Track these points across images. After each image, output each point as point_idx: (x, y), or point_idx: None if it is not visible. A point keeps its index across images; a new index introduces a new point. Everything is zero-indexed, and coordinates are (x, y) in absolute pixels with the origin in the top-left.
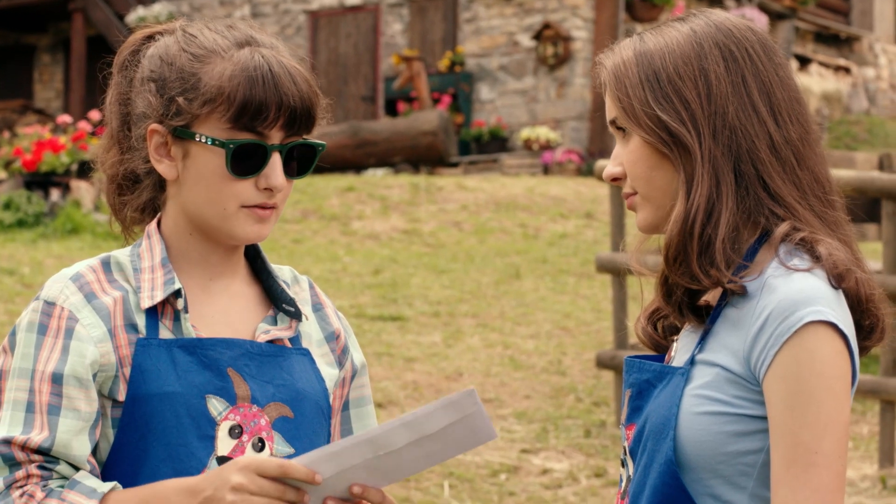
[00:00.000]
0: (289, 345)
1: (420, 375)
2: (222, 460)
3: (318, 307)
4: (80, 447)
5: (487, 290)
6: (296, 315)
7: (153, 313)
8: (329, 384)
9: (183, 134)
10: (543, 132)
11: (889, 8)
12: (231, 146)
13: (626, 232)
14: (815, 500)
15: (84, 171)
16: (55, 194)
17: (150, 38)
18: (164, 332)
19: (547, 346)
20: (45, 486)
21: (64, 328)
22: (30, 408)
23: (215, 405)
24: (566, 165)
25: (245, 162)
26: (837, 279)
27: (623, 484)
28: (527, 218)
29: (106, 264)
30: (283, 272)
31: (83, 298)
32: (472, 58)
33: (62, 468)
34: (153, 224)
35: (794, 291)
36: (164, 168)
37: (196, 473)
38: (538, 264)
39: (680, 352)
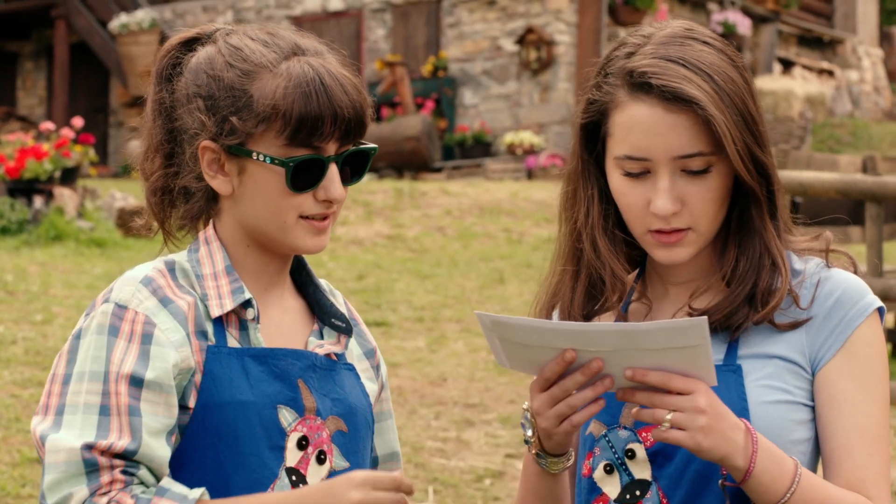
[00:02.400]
0: (336, 359)
1: (404, 381)
2: (290, 471)
3: (353, 323)
4: (162, 450)
5: (471, 295)
6: (346, 330)
7: (219, 322)
8: (372, 399)
9: (238, 151)
10: (527, 137)
11: (872, 10)
12: (291, 164)
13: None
14: (885, 469)
15: (67, 178)
16: (38, 201)
17: (187, 44)
18: (231, 341)
19: None
20: (131, 492)
21: (140, 332)
22: (104, 411)
23: (286, 416)
24: (550, 170)
25: (303, 177)
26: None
27: (616, 490)
28: (511, 223)
29: (171, 269)
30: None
31: (158, 303)
32: (455, 63)
33: (143, 473)
34: (210, 230)
35: (852, 281)
36: (218, 184)
37: (268, 483)
38: (522, 269)
39: None
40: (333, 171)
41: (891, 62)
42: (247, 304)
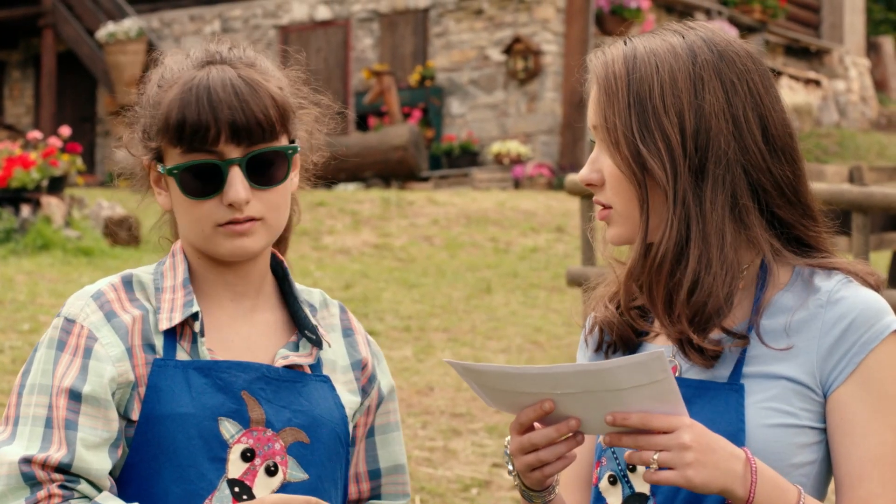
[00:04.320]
0: (308, 371)
1: None
2: (233, 483)
3: (348, 332)
4: (100, 463)
5: (458, 305)
6: (316, 343)
7: (171, 334)
8: (349, 411)
9: (158, 166)
10: (514, 146)
11: (859, 21)
12: (176, 172)
13: (596, 246)
14: None
15: (55, 187)
16: (25, 210)
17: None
18: (181, 354)
19: (518, 360)
20: None
21: (83, 346)
22: (48, 423)
23: (228, 428)
24: (537, 179)
25: (202, 183)
26: (875, 291)
27: (618, 501)
28: (497, 232)
29: (128, 283)
30: (312, 296)
31: (103, 317)
32: (442, 72)
33: (83, 487)
34: (178, 243)
35: (870, 301)
36: (161, 200)
37: (206, 495)
38: (509, 278)
39: (698, 366)
40: (235, 174)
41: (878, 72)
42: (195, 317)
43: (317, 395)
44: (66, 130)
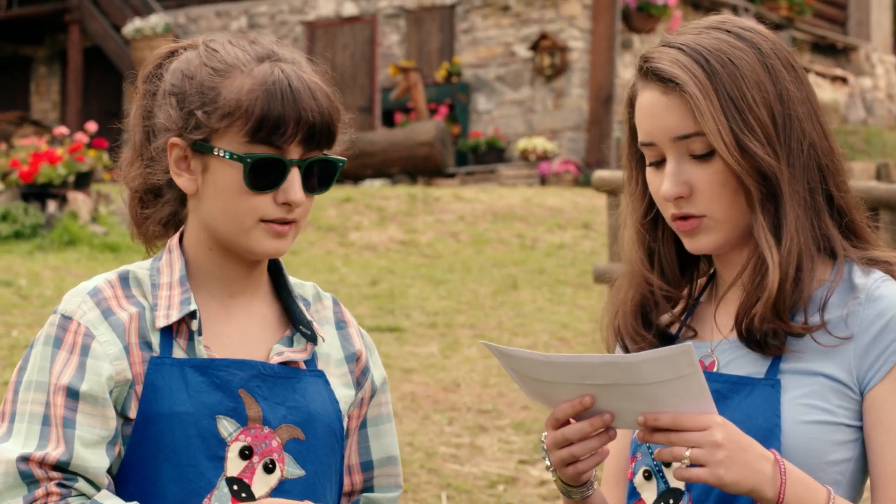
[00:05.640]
0: (303, 366)
1: (417, 387)
2: (232, 481)
3: (341, 325)
4: (98, 461)
5: (485, 301)
6: (311, 338)
7: (168, 332)
8: (343, 406)
9: (202, 148)
10: (540, 143)
11: (886, 18)
12: (249, 160)
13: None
14: None
15: (81, 182)
16: (52, 206)
17: (174, 53)
18: (178, 352)
19: None
20: None
21: (80, 344)
22: (45, 421)
23: (226, 426)
24: (563, 176)
25: (263, 177)
26: None
27: (652, 497)
28: (524, 228)
29: (124, 279)
30: (304, 289)
31: (100, 315)
32: (468, 68)
33: (81, 485)
34: (175, 238)
35: None
36: (183, 182)
37: (205, 493)
38: (535, 275)
39: (737, 361)
40: (295, 175)
41: None
42: (192, 315)
43: (312, 390)
44: (92, 126)
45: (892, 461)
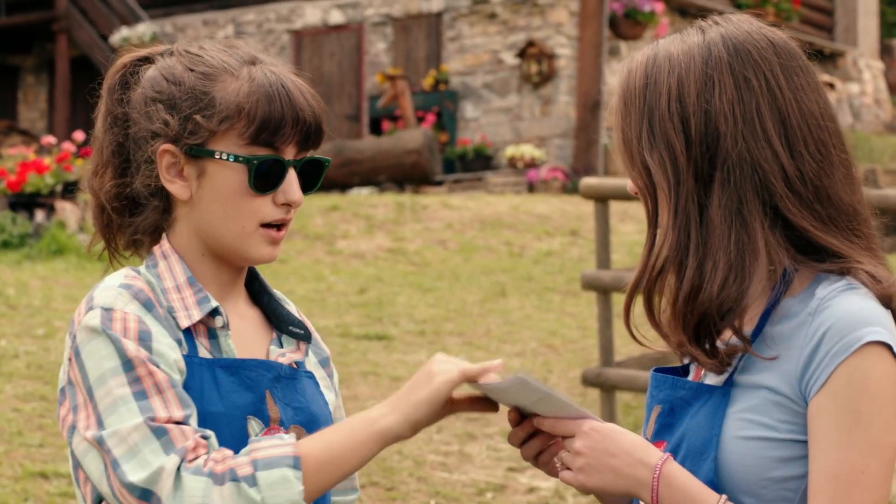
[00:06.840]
0: (297, 368)
1: None
2: None
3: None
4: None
5: (473, 309)
6: (305, 337)
7: (188, 333)
8: (331, 408)
9: (199, 152)
10: (528, 150)
11: (873, 23)
12: (255, 162)
13: (611, 250)
14: None
15: (69, 192)
16: (40, 215)
17: (141, 61)
18: (203, 351)
19: (533, 364)
20: (221, 452)
21: (135, 329)
22: (139, 396)
23: (254, 427)
24: (551, 183)
25: (264, 178)
26: (887, 300)
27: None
28: (512, 236)
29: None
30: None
31: (141, 306)
32: (456, 76)
33: (213, 441)
34: (165, 245)
35: (852, 311)
36: (176, 188)
37: None
38: (523, 282)
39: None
40: (292, 174)
41: (891, 75)
42: (214, 312)
43: (309, 391)
44: (80, 135)
45: (815, 476)
